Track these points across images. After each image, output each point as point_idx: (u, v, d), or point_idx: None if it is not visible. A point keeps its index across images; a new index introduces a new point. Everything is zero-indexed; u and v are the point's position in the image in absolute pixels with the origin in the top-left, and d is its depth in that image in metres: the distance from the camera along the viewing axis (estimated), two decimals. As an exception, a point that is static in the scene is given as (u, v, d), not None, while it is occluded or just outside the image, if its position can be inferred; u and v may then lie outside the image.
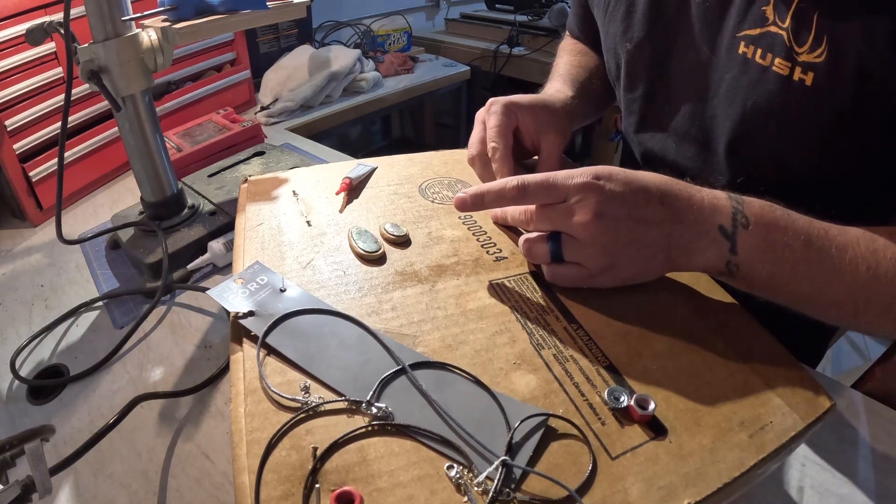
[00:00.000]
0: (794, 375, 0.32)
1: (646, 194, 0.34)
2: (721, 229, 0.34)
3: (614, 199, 0.33)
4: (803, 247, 0.33)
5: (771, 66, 0.41)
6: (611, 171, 0.35)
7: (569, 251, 0.35)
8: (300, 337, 0.32)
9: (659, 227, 0.34)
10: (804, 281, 0.34)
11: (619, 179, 0.34)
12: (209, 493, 0.38)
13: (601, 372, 0.31)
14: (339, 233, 0.42)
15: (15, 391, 0.47)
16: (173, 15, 0.53)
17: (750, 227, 0.34)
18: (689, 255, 0.34)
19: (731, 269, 0.34)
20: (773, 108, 0.42)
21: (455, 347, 0.32)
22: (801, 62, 0.39)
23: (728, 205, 0.34)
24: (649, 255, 0.34)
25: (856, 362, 1.41)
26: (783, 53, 0.40)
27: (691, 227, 0.34)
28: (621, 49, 0.55)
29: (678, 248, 0.34)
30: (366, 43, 1.53)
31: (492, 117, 0.48)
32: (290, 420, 0.27)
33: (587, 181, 0.34)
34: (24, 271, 0.63)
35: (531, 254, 0.38)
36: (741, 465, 0.27)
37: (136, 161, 0.59)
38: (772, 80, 0.42)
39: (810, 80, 0.39)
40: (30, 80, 0.69)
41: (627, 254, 0.34)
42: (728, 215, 0.34)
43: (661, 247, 0.34)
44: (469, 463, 0.26)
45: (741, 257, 0.34)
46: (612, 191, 0.34)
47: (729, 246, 0.34)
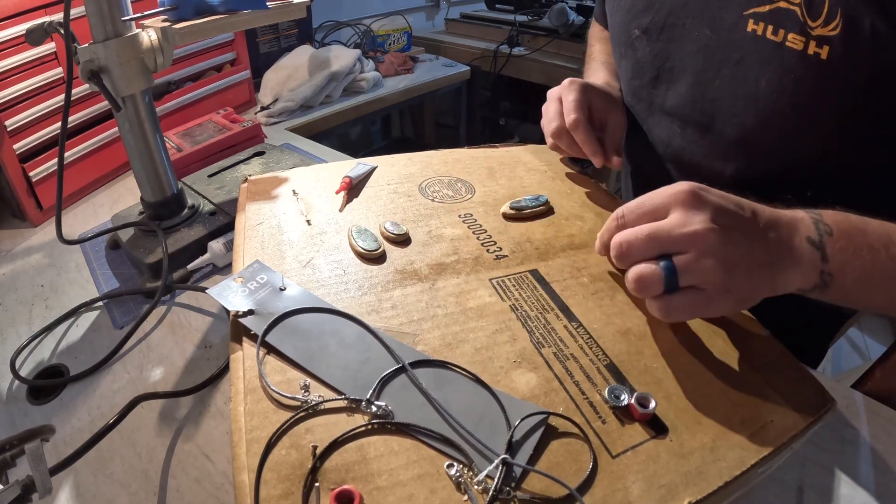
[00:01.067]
0: (794, 375, 0.32)
1: (742, 207, 0.33)
2: (809, 240, 0.33)
3: (723, 210, 0.32)
4: (885, 246, 0.33)
5: (784, 41, 0.40)
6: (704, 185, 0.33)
7: (684, 270, 0.31)
8: (300, 335, 0.32)
9: (761, 239, 0.32)
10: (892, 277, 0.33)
11: (715, 192, 0.33)
12: (209, 493, 0.38)
13: (601, 370, 0.31)
14: (339, 232, 0.42)
15: (15, 391, 0.47)
16: (173, 15, 0.53)
17: (833, 234, 0.33)
18: (788, 272, 0.33)
19: (826, 280, 0.33)
20: (787, 85, 0.41)
21: (455, 346, 0.32)
22: (816, 36, 0.39)
23: (807, 217, 0.34)
24: (758, 273, 0.32)
25: (856, 362, 1.41)
26: (797, 28, 0.40)
27: (785, 241, 0.33)
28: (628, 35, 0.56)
29: (778, 262, 0.33)
30: (366, 43, 1.53)
31: (570, 93, 0.52)
32: (290, 419, 0.27)
33: (692, 189, 0.32)
34: (24, 271, 0.63)
35: (642, 284, 0.32)
36: (742, 463, 0.27)
37: (136, 161, 0.59)
38: (786, 55, 0.41)
39: (826, 53, 0.38)
40: (30, 80, 0.69)
41: (743, 269, 0.31)
42: (811, 226, 0.33)
43: (766, 263, 0.32)
44: (469, 461, 0.26)
45: (832, 265, 0.33)
46: (719, 203, 0.32)
47: (820, 255, 0.33)
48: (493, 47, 1.65)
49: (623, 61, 0.58)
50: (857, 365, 1.38)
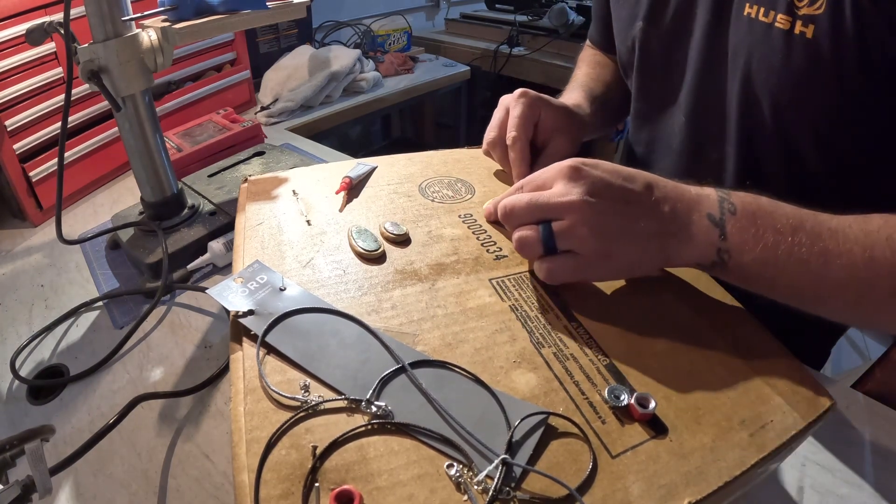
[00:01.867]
0: (794, 374, 0.32)
1: (633, 180, 0.35)
2: (710, 217, 0.34)
3: (602, 182, 0.34)
4: (793, 230, 0.33)
5: (773, 22, 0.42)
6: (597, 161, 0.36)
7: (561, 236, 0.34)
8: (300, 336, 0.32)
9: (649, 211, 0.34)
10: (798, 267, 0.33)
11: (605, 167, 0.35)
12: (209, 493, 0.38)
13: (601, 370, 0.31)
14: (339, 232, 0.42)
15: (15, 391, 0.47)
16: (173, 15, 0.53)
17: (737, 212, 0.34)
18: (681, 245, 0.34)
19: (723, 258, 0.34)
20: (776, 66, 0.42)
21: (455, 346, 0.32)
22: (802, 15, 0.40)
23: (714, 194, 0.35)
24: (642, 242, 0.34)
25: (856, 362, 1.41)
26: (784, 8, 0.41)
27: (681, 216, 0.34)
28: (634, 30, 0.56)
29: (669, 235, 0.34)
30: (366, 43, 1.53)
31: (518, 106, 0.50)
32: (290, 419, 0.27)
33: (573, 165, 0.35)
34: (24, 271, 0.63)
35: (523, 244, 0.36)
36: (742, 463, 0.27)
37: (136, 161, 0.59)
38: (774, 36, 0.42)
39: (811, 32, 0.39)
40: (30, 80, 0.69)
41: (620, 239, 0.34)
42: (715, 204, 0.34)
43: (653, 233, 0.34)
44: (469, 461, 0.26)
45: (731, 242, 0.34)
46: (600, 176, 0.34)
47: (718, 232, 0.34)
48: (493, 47, 1.65)
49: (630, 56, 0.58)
50: (857, 365, 1.38)
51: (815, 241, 0.33)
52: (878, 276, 0.32)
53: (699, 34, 0.49)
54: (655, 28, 0.54)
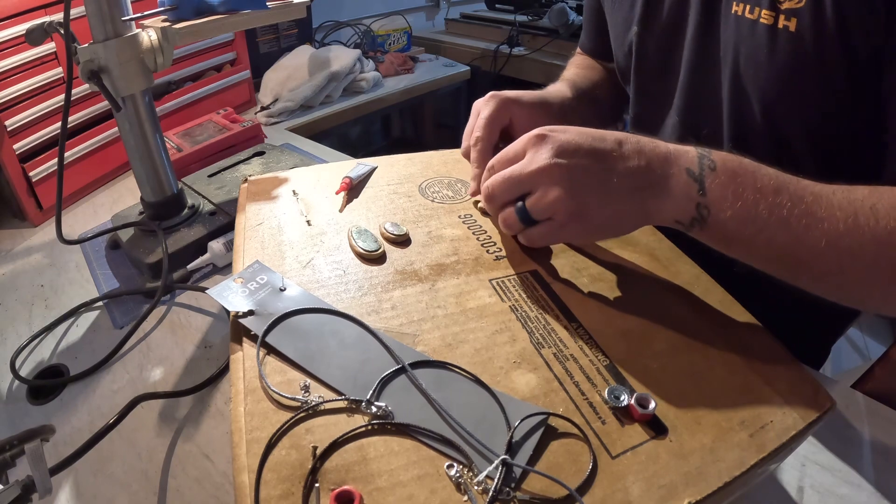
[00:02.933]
0: (794, 375, 0.32)
1: (604, 139, 0.34)
2: (688, 171, 0.34)
3: (570, 144, 0.34)
4: (775, 191, 0.33)
5: (758, 18, 0.42)
6: (565, 126, 0.35)
7: (534, 206, 0.35)
8: (300, 336, 0.32)
9: (622, 166, 0.34)
10: (778, 228, 0.32)
11: (573, 130, 0.35)
12: (209, 493, 0.38)
13: (601, 371, 0.31)
14: (339, 232, 0.42)
15: (15, 391, 0.47)
16: (173, 15, 0.53)
17: (717, 169, 0.34)
18: (658, 199, 0.34)
19: (702, 213, 0.34)
20: (761, 60, 0.43)
21: (455, 346, 0.32)
22: (784, 10, 0.40)
23: (694, 151, 0.35)
24: (617, 198, 0.34)
25: (856, 362, 1.41)
26: (767, 4, 0.41)
27: (658, 169, 0.34)
28: (630, 34, 0.56)
29: (647, 188, 0.34)
30: (366, 43, 1.53)
31: (485, 109, 0.49)
32: (290, 419, 0.27)
33: (539, 132, 0.35)
34: (24, 271, 0.63)
35: (506, 226, 0.38)
36: (741, 464, 0.27)
37: (136, 161, 0.59)
38: (759, 31, 0.42)
39: (794, 25, 0.40)
40: (30, 80, 0.69)
41: (594, 196, 0.34)
42: (694, 159, 0.34)
43: (628, 188, 0.34)
44: (469, 462, 0.26)
45: (710, 198, 0.33)
46: (567, 138, 0.34)
47: (697, 187, 0.33)
48: (493, 47, 1.65)
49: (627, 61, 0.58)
50: (857, 365, 1.38)
51: (797, 203, 0.32)
52: (861, 245, 0.31)
53: (691, 35, 0.50)
54: (650, 32, 0.54)
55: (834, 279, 0.34)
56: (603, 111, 0.68)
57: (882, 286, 0.33)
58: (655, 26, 0.53)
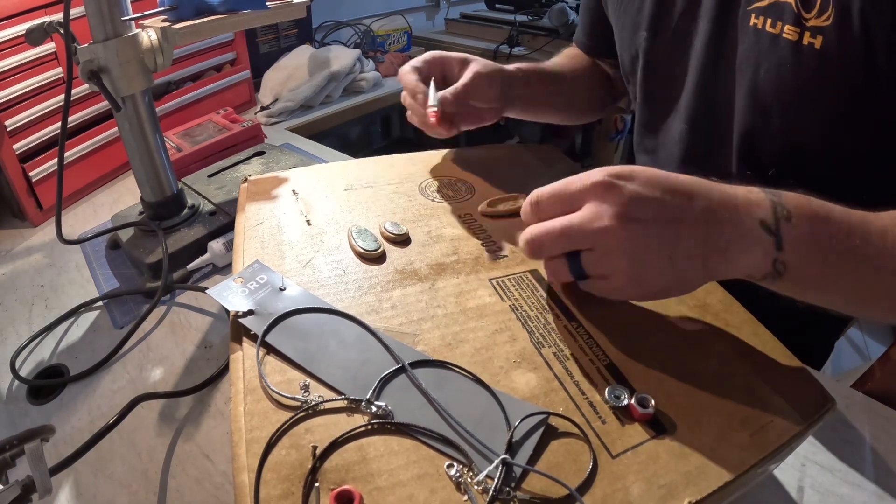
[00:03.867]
0: (794, 375, 0.32)
1: (673, 193, 0.30)
2: (763, 225, 0.30)
3: (639, 200, 0.30)
4: (846, 236, 0.31)
5: (781, 33, 0.41)
6: (632, 169, 0.31)
7: (590, 265, 0.31)
8: (300, 336, 0.32)
9: (693, 229, 0.30)
10: (853, 272, 0.31)
11: (641, 178, 0.30)
12: (209, 493, 0.38)
13: (601, 370, 0.31)
14: (339, 232, 0.42)
15: (15, 391, 0.47)
16: (173, 15, 0.53)
17: (792, 219, 0.30)
18: (730, 260, 0.31)
19: (779, 269, 0.31)
20: (785, 76, 0.42)
21: (455, 346, 0.32)
22: (810, 27, 0.40)
23: (765, 198, 0.31)
24: (684, 264, 0.30)
25: (856, 362, 1.41)
26: (792, 20, 0.41)
27: (730, 227, 0.30)
28: (638, 39, 0.56)
29: (717, 252, 0.30)
30: (366, 43, 1.53)
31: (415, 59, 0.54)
32: (290, 419, 0.27)
33: (604, 180, 0.30)
34: (24, 271, 0.63)
35: (552, 272, 0.34)
36: (742, 464, 0.27)
37: (136, 161, 0.59)
38: (782, 46, 0.42)
39: (819, 43, 0.39)
40: (30, 80, 0.69)
41: (657, 263, 0.30)
42: (768, 209, 0.30)
43: (697, 254, 0.30)
44: (469, 461, 0.26)
45: (788, 254, 0.30)
46: (635, 191, 0.30)
47: (774, 242, 0.30)
48: (493, 47, 1.65)
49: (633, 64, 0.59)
50: (857, 365, 1.38)
51: (868, 244, 0.31)
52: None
53: (700, 43, 0.49)
54: (660, 37, 0.54)
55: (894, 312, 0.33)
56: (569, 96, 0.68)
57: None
58: (665, 32, 0.53)
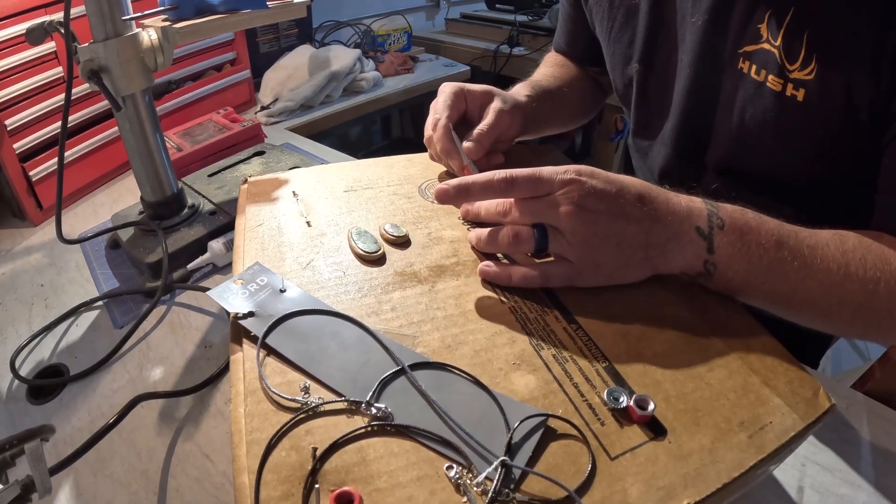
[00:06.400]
0: (794, 375, 0.32)
1: (625, 193, 0.35)
2: (698, 230, 0.35)
3: (595, 194, 0.35)
4: (776, 246, 0.35)
5: (765, 81, 0.43)
6: (593, 170, 0.36)
7: (553, 241, 0.36)
8: (300, 337, 0.32)
9: (638, 223, 0.35)
10: (778, 280, 0.35)
11: (600, 177, 0.36)
12: (209, 493, 0.38)
13: (600, 372, 0.31)
14: (339, 233, 0.42)
15: (15, 391, 0.47)
16: (173, 14, 0.53)
17: (725, 227, 0.35)
18: (667, 255, 0.35)
19: (709, 269, 0.36)
20: (768, 121, 0.44)
21: (454, 348, 0.32)
22: (793, 79, 0.41)
23: (704, 207, 0.36)
24: (629, 252, 0.35)
25: (856, 362, 1.41)
26: (776, 70, 0.42)
27: (669, 227, 0.35)
28: (631, 70, 0.57)
29: (656, 246, 0.35)
30: (366, 43, 1.53)
31: (440, 97, 0.52)
32: (290, 420, 0.27)
33: (571, 177, 0.35)
34: (24, 271, 0.63)
35: (516, 238, 0.37)
36: (741, 465, 0.27)
37: (136, 161, 0.59)
38: (766, 95, 0.44)
39: (802, 96, 0.41)
40: (30, 79, 0.69)
41: (608, 248, 0.35)
42: (704, 217, 0.36)
43: (640, 244, 0.35)
44: (468, 463, 0.26)
45: (718, 256, 0.35)
46: (594, 186, 0.35)
47: (706, 246, 0.35)
48: (493, 47, 1.65)
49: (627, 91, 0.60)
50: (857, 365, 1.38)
51: (797, 256, 0.35)
52: (851, 294, 0.35)
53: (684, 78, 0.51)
54: (652, 71, 0.55)
55: (823, 320, 0.38)
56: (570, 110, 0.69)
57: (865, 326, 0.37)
58: (657, 65, 0.54)
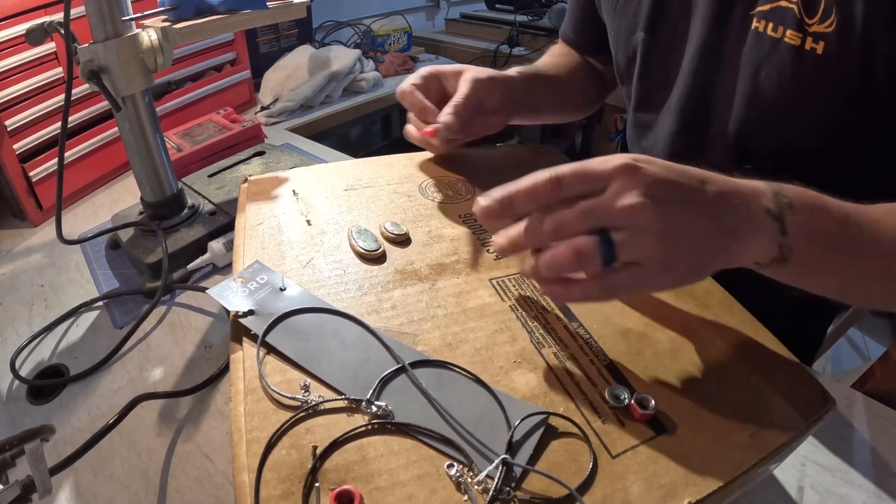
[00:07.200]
0: (794, 375, 0.32)
1: (689, 177, 0.31)
2: (767, 211, 0.31)
3: (661, 182, 0.30)
4: (843, 224, 0.32)
5: (783, 37, 0.42)
6: (648, 157, 0.32)
7: (623, 247, 0.29)
8: (300, 336, 0.32)
9: (709, 210, 0.30)
10: (851, 258, 0.33)
11: (658, 163, 0.31)
12: (209, 493, 0.38)
13: (602, 371, 0.31)
14: (339, 232, 0.42)
15: (15, 391, 0.47)
16: (173, 15, 0.53)
17: (794, 206, 0.32)
18: (741, 243, 0.31)
19: (785, 254, 0.31)
20: (785, 79, 0.43)
21: (455, 346, 0.32)
22: (812, 32, 0.40)
23: (767, 187, 0.32)
24: (705, 244, 0.30)
25: (856, 362, 1.41)
26: (794, 25, 0.41)
27: (739, 210, 0.31)
28: (635, 40, 0.56)
29: (730, 233, 0.31)
30: (366, 43, 1.53)
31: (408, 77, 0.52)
32: (290, 419, 0.27)
33: (628, 163, 0.30)
34: (24, 271, 0.63)
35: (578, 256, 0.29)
36: (742, 464, 0.27)
37: (136, 161, 0.59)
38: (784, 50, 0.42)
39: (821, 49, 0.40)
40: (30, 80, 0.69)
41: (685, 242, 0.30)
42: (770, 197, 0.32)
43: (714, 233, 0.31)
44: (469, 461, 0.26)
45: (792, 238, 0.31)
46: (657, 173, 0.30)
47: (779, 227, 0.31)
48: (493, 47, 1.65)
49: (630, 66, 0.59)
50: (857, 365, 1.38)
51: (864, 233, 0.32)
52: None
53: (694, 44, 0.50)
54: (657, 39, 0.54)
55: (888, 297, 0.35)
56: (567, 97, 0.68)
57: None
58: (662, 32, 0.53)
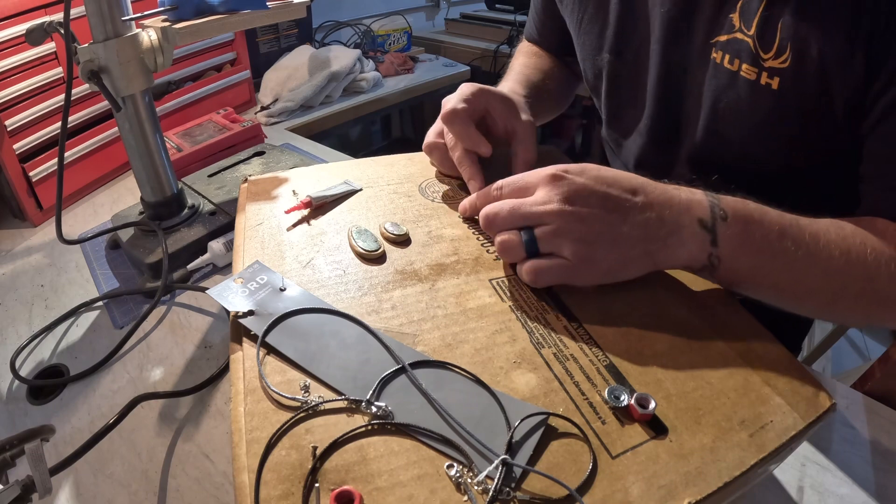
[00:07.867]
0: (794, 375, 0.32)
1: (618, 186, 0.34)
2: (701, 222, 0.34)
3: (582, 189, 0.34)
4: (779, 237, 0.34)
5: (739, 70, 0.43)
6: (584, 167, 0.35)
7: (543, 241, 0.34)
8: (300, 336, 0.32)
9: (633, 218, 0.34)
10: (783, 271, 0.35)
11: (589, 173, 0.35)
12: (209, 493, 0.38)
13: (601, 371, 0.31)
14: (339, 232, 0.42)
15: (15, 391, 0.47)
16: (173, 15, 0.53)
17: (728, 219, 0.34)
18: (669, 249, 0.34)
19: (714, 262, 0.35)
20: (743, 110, 0.44)
21: (455, 346, 0.32)
22: (767, 68, 0.41)
23: (705, 199, 0.35)
24: (626, 248, 0.34)
25: (856, 362, 1.41)
26: (749, 59, 0.42)
27: (668, 221, 0.34)
28: (601, 60, 0.57)
29: (656, 240, 0.34)
30: (366, 43, 1.53)
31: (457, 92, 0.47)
32: (290, 419, 0.27)
33: (555, 173, 0.35)
34: (24, 271, 0.63)
35: (505, 248, 0.36)
36: (741, 464, 0.27)
37: (136, 161, 0.59)
38: (740, 84, 0.43)
39: (776, 84, 0.41)
40: (30, 80, 0.69)
41: (604, 244, 0.34)
42: (706, 209, 0.34)
43: (638, 239, 0.34)
44: (469, 462, 0.26)
45: (722, 249, 0.34)
46: (581, 183, 0.34)
47: (710, 238, 0.34)
48: (493, 47, 1.65)
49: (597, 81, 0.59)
50: (857, 365, 1.38)
51: (799, 245, 0.34)
52: (853, 279, 0.35)
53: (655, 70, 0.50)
54: (623, 61, 0.54)
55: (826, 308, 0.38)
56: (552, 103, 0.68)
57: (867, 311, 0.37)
58: (628, 55, 0.54)
